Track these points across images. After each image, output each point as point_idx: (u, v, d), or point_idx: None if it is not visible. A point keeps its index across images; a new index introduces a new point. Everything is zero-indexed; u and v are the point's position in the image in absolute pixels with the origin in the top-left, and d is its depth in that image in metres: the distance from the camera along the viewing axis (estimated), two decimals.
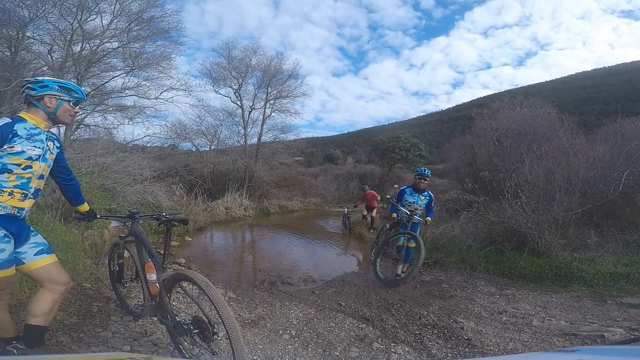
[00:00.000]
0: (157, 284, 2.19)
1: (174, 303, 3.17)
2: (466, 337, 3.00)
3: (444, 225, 7.72)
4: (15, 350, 1.80)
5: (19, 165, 1.73)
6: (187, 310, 3.03)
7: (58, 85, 1.87)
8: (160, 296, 2.15)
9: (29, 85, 1.84)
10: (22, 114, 1.84)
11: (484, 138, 12.57)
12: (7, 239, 1.71)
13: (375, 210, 9.88)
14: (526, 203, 5.68)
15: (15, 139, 1.71)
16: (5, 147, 1.69)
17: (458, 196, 8.73)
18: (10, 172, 1.72)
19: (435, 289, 4.65)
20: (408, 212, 4.83)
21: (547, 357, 1.49)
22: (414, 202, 4.92)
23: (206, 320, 1.92)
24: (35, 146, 1.79)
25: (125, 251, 2.73)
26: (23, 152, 1.73)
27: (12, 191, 1.73)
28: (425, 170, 4.89)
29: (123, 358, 1.17)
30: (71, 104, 1.93)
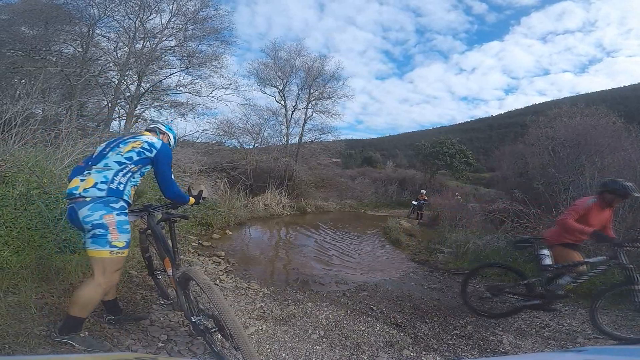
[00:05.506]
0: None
1: None
2: (503, 351, 2.85)
3: (488, 236, 7.31)
4: (113, 323, 2.32)
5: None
6: None
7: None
8: (177, 293, 2.15)
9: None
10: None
11: (538, 147, 11.69)
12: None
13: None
14: None
15: None
16: None
17: (507, 207, 8.15)
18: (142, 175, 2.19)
19: (474, 299, 4.47)
20: None
21: (554, 356, 1.39)
22: None
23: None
24: None
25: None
26: None
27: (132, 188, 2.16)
28: None
29: (130, 358, 1.20)
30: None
